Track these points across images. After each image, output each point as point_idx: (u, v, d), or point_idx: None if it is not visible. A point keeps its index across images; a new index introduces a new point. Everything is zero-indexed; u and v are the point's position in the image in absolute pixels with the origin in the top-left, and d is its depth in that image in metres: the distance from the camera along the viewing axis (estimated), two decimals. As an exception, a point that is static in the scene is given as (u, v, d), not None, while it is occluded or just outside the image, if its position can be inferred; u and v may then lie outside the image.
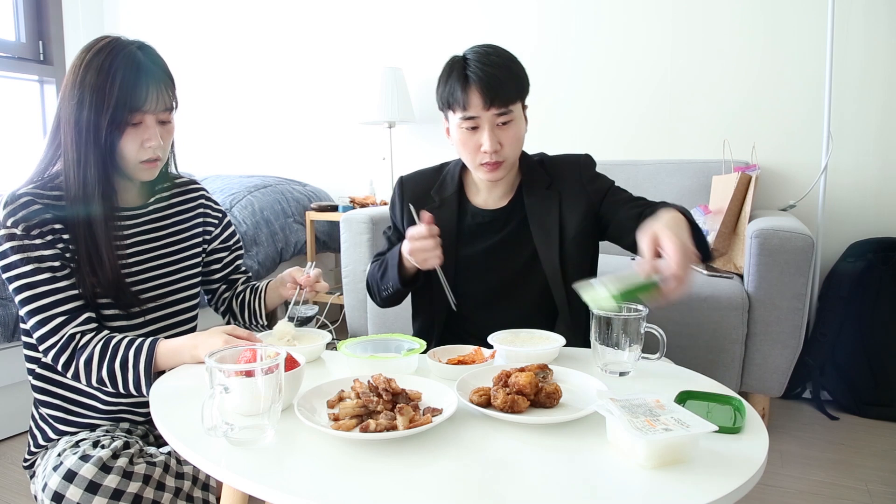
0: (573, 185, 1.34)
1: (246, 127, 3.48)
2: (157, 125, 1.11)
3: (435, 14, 2.95)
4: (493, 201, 1.36)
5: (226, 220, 1.38)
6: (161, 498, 1.04)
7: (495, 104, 1.21)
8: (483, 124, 1.22)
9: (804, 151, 2.34)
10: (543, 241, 1.31)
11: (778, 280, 1.77)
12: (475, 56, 1.23)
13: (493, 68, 1.20)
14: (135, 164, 1.11)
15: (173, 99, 1.13)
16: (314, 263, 1.26)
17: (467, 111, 1.22)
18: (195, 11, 3.52)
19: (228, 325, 1.09)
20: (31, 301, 1.05)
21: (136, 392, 1.05)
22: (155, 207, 1.24)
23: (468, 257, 1.33)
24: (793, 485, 1.63)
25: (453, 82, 1.23)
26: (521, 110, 1.29)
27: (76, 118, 1.05)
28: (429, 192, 1.38)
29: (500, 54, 1.25)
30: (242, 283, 1.40)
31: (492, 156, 1.23)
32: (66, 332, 1.05)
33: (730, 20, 2.42)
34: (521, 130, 1.28)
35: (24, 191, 1.08)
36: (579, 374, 0.96)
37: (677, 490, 0.66)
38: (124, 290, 1.13)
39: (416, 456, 0.74)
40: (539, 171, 1.37)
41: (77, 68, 1.06)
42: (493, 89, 1.20)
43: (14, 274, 1.04)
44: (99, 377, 1.05)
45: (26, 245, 1.04)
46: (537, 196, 1.33)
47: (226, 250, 1.37)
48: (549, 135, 2.77)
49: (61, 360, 1.06)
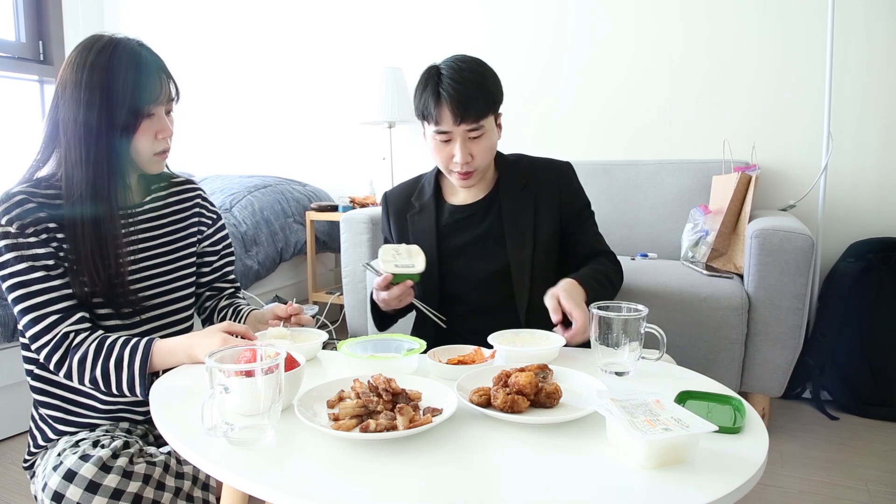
0: (550, 190, 1.38)
1: (246, 127, 3.48)
2: (165, 116, 1.13)
3: (435, 14, 2.95)
4: (472, 199, 1.41)
5: (220, 223, 1.36)
6: (161, 498, 1.04)
7: (466, 121, 1.24)
8: (455, 137, 1.27)
9: (804, 151, 2.34)
10: (516, 245, 1.35)
11: (778, 280, 1.77)
12: (448, 71, 1.26)
13: (463, 85, 1.23)
14: (149, 156, 1.13)
15: (175, 89, 1.15)
16: (295, 300, 1.26)
17: (440, 125, 1.27)
18: (195, 11, 3.52)
19: (225, 323, 1.09)
20: (24, 299, 1.04)
21: (130, 393, 1.04)
22: (151, 206, 1.24)
23: (450, 251, 1.39)
24: (793, 485, 1.63)
25: (427, 97, 1.27)
26: (493, 122, 1.31)
27: (84, 118, 1.05)
28: (410, 200, 1.45)
29: (473, 69, 1.27)
30: (229, 295, 1.37)
31: (463, 166, 1.28)
32: (60, 330, 1.05)
33: (730, 20, 2.42)
34: (492, 141, 1.31)
35: (18, 189, 1.07)
36: (579, 374, 0.96)
37: (677, 490, 0.66)
38: (122, 290, 1.13)
39: (416, 456, 0.74)
40: (515, 170, 1.40)
41: (80, 68, 1.05)
42: (464, 106, 1.23)
43: (8, 272, 1.04)
44: (92, 376, 1.04)
45: (20, 243, 1.04)
46: (513, 197, 1.37)
47: (215, 255, 1.35)
48: (548, 135, 2.77)
49: (54, 359, 1.05)
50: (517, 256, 1.34)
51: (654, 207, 2.39)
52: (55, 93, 1.09)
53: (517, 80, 2.76)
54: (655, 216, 2.38)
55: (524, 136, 2.77)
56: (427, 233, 1.39)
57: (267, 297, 2.79)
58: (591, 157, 2.66)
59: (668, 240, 2.34)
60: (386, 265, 1.22)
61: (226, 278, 1.38)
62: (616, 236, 2.41)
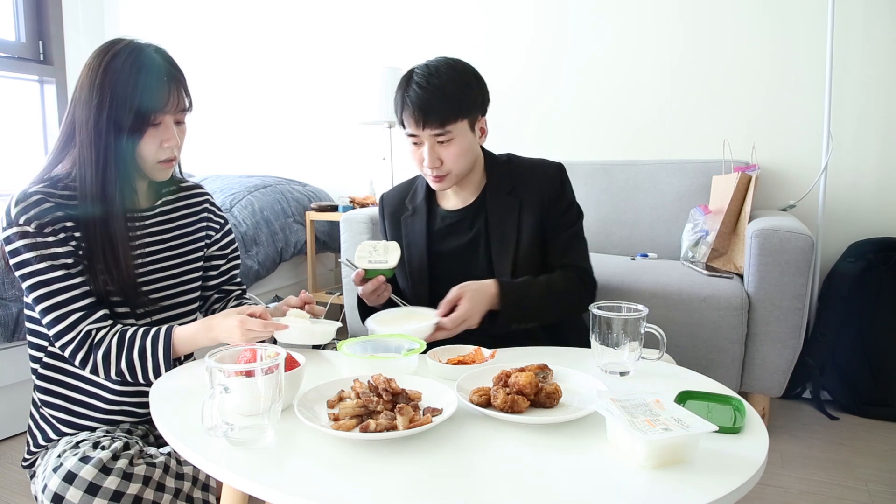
0: (534, 194, 1.36)
1: (246, 127, 3.48)
2: (174, 125, 1.13)
3: (435, 14, 2.95)
4: (462, 203, 1.41)
5: (227, 227, 1.39)
6: (161, 499, 1.04)
7: (428, 126, 1.25)
8: (423, 141, 1.28)
9: (804, 151, 2.34)
10: (500, 250, 1.34)
11: (778, 280, 1.77)
12: (417, 76, 1.27)
13: (427, 92, 1.24)
14: (153, 163, 1.13)
15: (188, 100, 1.15)
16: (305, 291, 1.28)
17: (406, 129, 1.29)
18: (195, 12, 3.52)
19: (242, 307, 1.10)
20: (46, 298, 1.05)
21: (156, 379, 1.06)
22: (162, 210, 1.26)
23: (440, 255, 1.39)
24: (793, 485, 1.63)
25: (397, 100, 1.30)
26: (468, 127, 1.30)
27: (95, 119, 1.06)
28: (404, 202, 1.46)
29: (443, 74, 1.26)
30: (236, 296, 1.39)
31: (432, 170, 1.29)
32: (83, 328, 1.07)
33: (730, 20, 2.41)
34: (463, 148, 1.29)
35: (35, 189, 1.08)
36: (579, 374, 0.96)
37: (677, 490, 0.66)
38: (135, 290, 1.14)
39: (416, 456, 0.74)
40: (503, 173, 1.39)
41: (95, 70, 1.07)
42: (424, 112, 1.24)
43: (28, 271, 1.05)
44: (118, 369, 1.07)
45: (39, 243, 1.05)
46: (499, 201, 1.37)
47: (223, 258, 1.37)
48: (548, 135, 2.77)
49: (79, 356, 1.07)
50: (500, 262, 1.34)
51: (654, 207, 2.39)
52: (73, 94, 1.11)
53: (517, 80, 2.76)
54: (655, 216, 2.38)
55: (524, 137, 2.77)
56: (418, 236, 1.40)
57: (267, 297, 2.79)
58: (591, 157, 2.66)
59: (668, 240, 2.34)
60: (360, 261, 1.28)
61: (233, 281, 1.40)
62: (616, 236, 2.41)
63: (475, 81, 1.31)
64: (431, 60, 1.30)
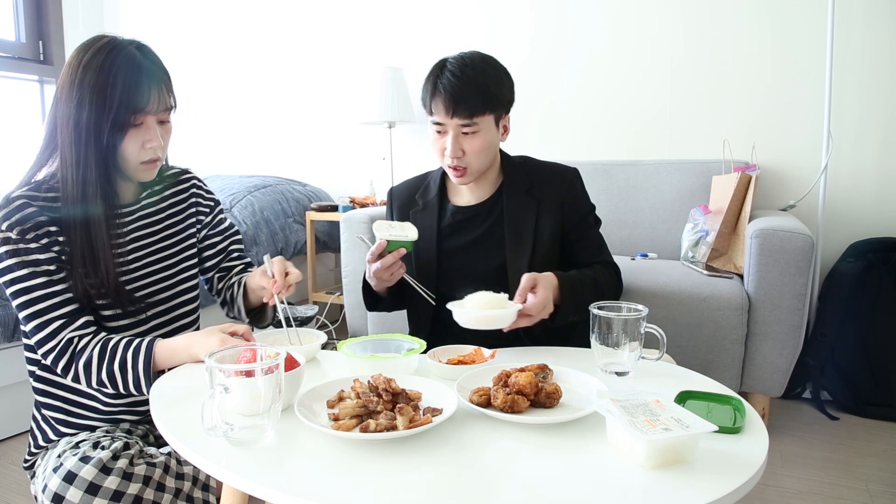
0: (554, 195, 1.37)
1: (246, 127, 3.48)
2: (157, 125, 1.10)
3: (435, 14, 2.95)
4: (476, 199, 1.40)
5: (218, 207, 1.35)
6: (161, 499, 1.04)
7: (457, 115, 1.25)
8: (448, 130, 1.28)
9: (804, 151, 2.34)
10: (515, 247, 1.34)
11: (778, 280, 1.77)
12: (451, 65, 1.28)
13: (460, 80, 1.24)
14: (135, 164, 1.11)
15: (172, 99, 1.13)
16: (270, 255, 1.23)
17: (434, 116, 1.29)
18: (195, 11, 3.52)
19: (225, 324, 1.09)
20: (28, 305, 1.04)
21: (137, 392, 1.05)
22: (147, 202, 1.23)
23: (449, 251, 1.39)
24: (793, 485, 1.63)
25: (427, 86, 1.29)
26: (493, 122, 1.30)
27: (76, 119, 1.04)
28: (414, 197, 1.46)
29: (476, 66, 1.27)
30: (238, 271, 1.35)
31: (454, 160, 1.29)
32: (64, 335, 1.05)
33: (730, 20, 2.41)
34: (487, 141, 1.29)
35: (18, 193, 1.06)
36: (579, 374, 0.96)
37: (677, 490, 0.66)
38: (121, 291, 1.12)
39: (416, 456, 0.74)
40: (520, 173, 1.40)
41: (75, 68, 1.04)
42: (455, 101, 1.24)
43: (10, 278, 1.04)
44: (99, 379, 1.05)
45: (21, 249, 1.03)
46: (516, 199, 1.37)
47: (218, 235, 1.34)
48: (549, 135, 2.77)
49: (60, 364, 1.05)
50: (515, 259, 1.33)
51: (654, 207, 2.39)
52: (55, 93, 1.08)
53: (517, 80, 2.69)
54: (655, 216, 2.38)
55: (525, 137, 2.77)
56: (428, 231, 1.40)
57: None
58: (591, 157, 2.66)
59: (668, 240, 2.34)
60: (380, 233, 1.24)
61: (230, 257, 1.36)
62: (616, 236, 2.41)
63: (506, 78, 1.33)
64: (466, 52, 1.31)
